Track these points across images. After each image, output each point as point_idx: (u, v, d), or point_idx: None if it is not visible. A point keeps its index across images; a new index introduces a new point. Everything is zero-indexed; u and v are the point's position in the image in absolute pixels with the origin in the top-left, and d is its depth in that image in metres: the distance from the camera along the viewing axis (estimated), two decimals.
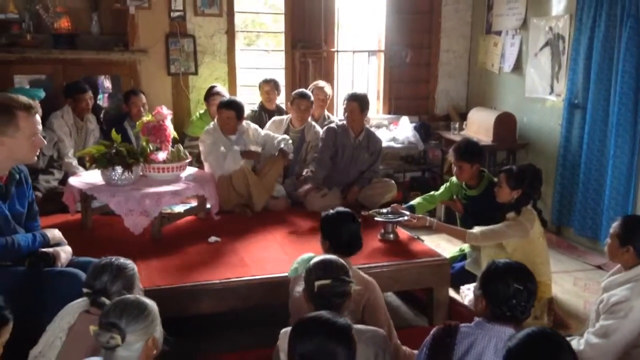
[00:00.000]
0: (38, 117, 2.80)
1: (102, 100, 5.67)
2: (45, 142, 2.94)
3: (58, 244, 2.97)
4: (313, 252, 2.87)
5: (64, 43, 5.31)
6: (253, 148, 4.63)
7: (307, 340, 1.75)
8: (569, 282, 4.33)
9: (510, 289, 2.05)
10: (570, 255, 4.89)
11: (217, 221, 4.21)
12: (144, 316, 1.97)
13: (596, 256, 4.75)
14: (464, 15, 6.42)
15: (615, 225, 2.79)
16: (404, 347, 2.66)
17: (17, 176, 2.89)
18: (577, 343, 2.69)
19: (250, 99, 5.90)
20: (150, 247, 3.69)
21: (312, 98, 5.03)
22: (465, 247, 4.16)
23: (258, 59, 6.94)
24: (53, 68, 5.28)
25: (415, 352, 2.37)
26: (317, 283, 2.17)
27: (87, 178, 4.06)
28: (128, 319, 1.94)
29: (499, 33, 6.00)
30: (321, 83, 5.40)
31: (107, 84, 5.72)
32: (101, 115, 5.37)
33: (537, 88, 5.52)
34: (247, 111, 5.53)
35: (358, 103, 4.62)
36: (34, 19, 5.27)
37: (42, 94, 4.63)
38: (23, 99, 2.78)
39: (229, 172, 4.40)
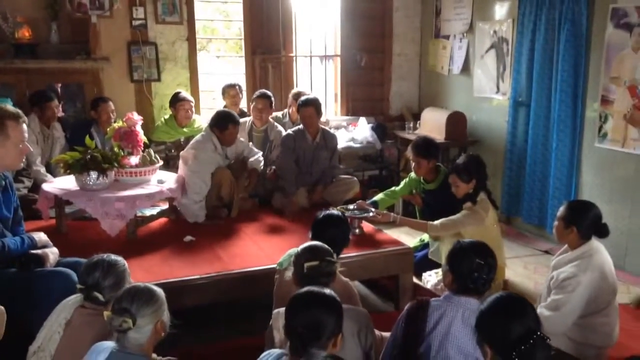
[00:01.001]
0: (25, 126, 2.93)
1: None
2: (32, 149, 3.06)
3: (45, 246, 3.11)
4: (287, 246, 3.12)
5: (25, 52, 5.35)
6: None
7: (302, 311, 1.99)
8: (520, 266, 4.69)
9: (473, 264, 2.32)
10: (519, 242, 5.27)
11: (188, 222, 4.37)
12: (153, 301, 2.16)
13: (543, 242, 5.15)
14: (414, 21, 6.76)
15: (561, 209, 3.12)
16: (377, 331, 2.90)
17: (3, 182, 3.01)
18: None
19: (210, 103, 6.08)
20: (128, 248, 3.80)
21: (272, 98, 5.21)
22: (425, 237, 4.46)
23: (216, 65, 7.12)
24: (16, 77, 5.29)
25: (387, 334, 2.62)
26: (306, 264, 2.40)
27: (60, 184, 4.15)
28: (139, 304, 2.12)
29: (447, 37, 6.36)
30: (303, 90, 5.65)
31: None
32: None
33: (484, 88, 5.90)
34: (204, 113, 5.76)
35: (314, 107, 4.80)
36: None
37: (10, 103, 4.69)
38: (11, 108, 2.91)
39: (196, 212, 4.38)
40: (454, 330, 2.32)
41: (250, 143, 4.90)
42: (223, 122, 4.43)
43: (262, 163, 4.74)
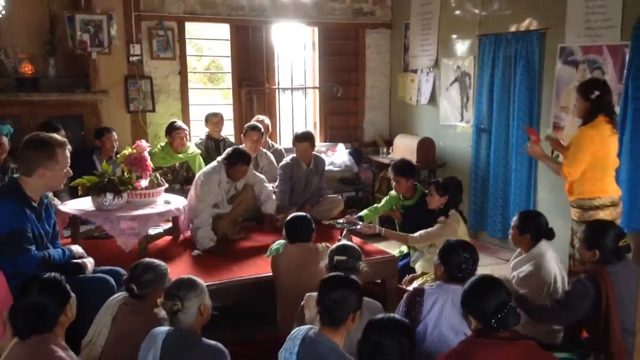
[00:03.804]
0: (68, 153, 3.37)
1: None
2: (72, 173, 3.49)
3: (82, 257, 3.53)
4: None
5: (27, 86, 5.73)
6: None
7: (333, 288, 2.52)
8: None
9: (461, 257, 2.89)
10: (485, 253, 5.85)
11: (191, 238, 4.80)
12: (195, 287, 2.64)
13: (506, 252, 5.73)
14: (384, 57, 7.46)
15: (514, 219, 3.69)
16: None
17: (45, 201, 3.43)
18: None
19: (200, 132, 6.54)
20: None
21: (262, 129, 5.75)
22: (404, 249, 5.00)
23: (204, 97, 7.64)
24: (20, 109, 5.66)
25: None
26: (336, 258, 2.93)
27: (76, 205, 4.51)
28: (184, 290, 2.60)
29: (415, 71, 7.03)
30: (260, 117, 6.15)
31: None
32: None
33: (449, 116, 6.56)
34: (195, 140, 6.21)
35: (309, 142, 5.32)
36: None
37: (11, 130, 5.07)
38: (59, 137, 3.35)
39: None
40: (446, 312, 2.85)
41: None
42: (234, 159, 4.72)
43: (275, 204, 4.98)
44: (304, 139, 5.33)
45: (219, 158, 4.87)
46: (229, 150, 4.86)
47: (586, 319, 3.18)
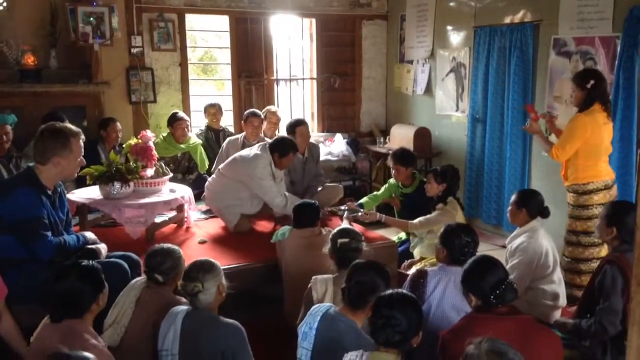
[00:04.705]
0: (82, 142, 3.48)
1: None
2: (85, 163, 3.60)
3: (94, 243, 3.64)
4: None
5: (29, 77, 5.80)
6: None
7: (363, 273, 2.66)
8: None
9: (463, 240, 3.04)
10: (480, 240, 5.96)
11: (196, 226, 4.93)
12: (213, 269, 2.78)
13: (500, 239, 5.91)
14: (381, 48, 7.57)
15: (513, 197, 3.86)
16: None
17: (59, 189, 3.54)
18: None
19: (200, 122, 6.66)
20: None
21: (263, 116, 5.88)
22: (402, 235, 5.15)
23: (198, 88, 7.72)
24: (23, 100, 5.74)
25: None
26: (339, 240, 3.07)
27: (84, 194, 4.62)
28: (203, 271, 2.74)
29: (410, 62, 7.15)
30: (273, 108, 6.27)
31: None
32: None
33: (445, 106, 6.70)
34: (196, 131, 6.33)
35: (305, 126, 5.39)
36: None
37: (15, 119, 5.15)
38: (73, 127, 3.46)
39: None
40: (448, 292, 3.00)
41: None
42: (286, 149, 4.73)
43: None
44: (303, 122, 5.41)
45: (266, 146, 4.79)
46: (275, 141, 4.83)
47: None
